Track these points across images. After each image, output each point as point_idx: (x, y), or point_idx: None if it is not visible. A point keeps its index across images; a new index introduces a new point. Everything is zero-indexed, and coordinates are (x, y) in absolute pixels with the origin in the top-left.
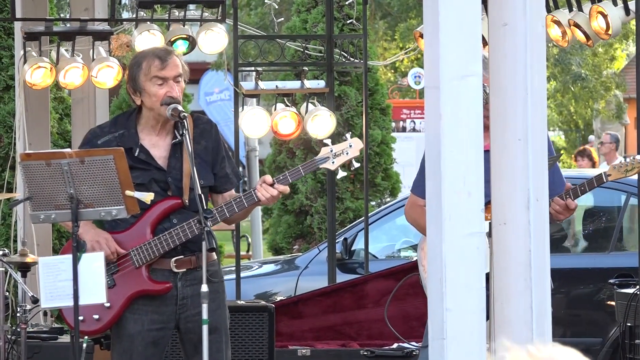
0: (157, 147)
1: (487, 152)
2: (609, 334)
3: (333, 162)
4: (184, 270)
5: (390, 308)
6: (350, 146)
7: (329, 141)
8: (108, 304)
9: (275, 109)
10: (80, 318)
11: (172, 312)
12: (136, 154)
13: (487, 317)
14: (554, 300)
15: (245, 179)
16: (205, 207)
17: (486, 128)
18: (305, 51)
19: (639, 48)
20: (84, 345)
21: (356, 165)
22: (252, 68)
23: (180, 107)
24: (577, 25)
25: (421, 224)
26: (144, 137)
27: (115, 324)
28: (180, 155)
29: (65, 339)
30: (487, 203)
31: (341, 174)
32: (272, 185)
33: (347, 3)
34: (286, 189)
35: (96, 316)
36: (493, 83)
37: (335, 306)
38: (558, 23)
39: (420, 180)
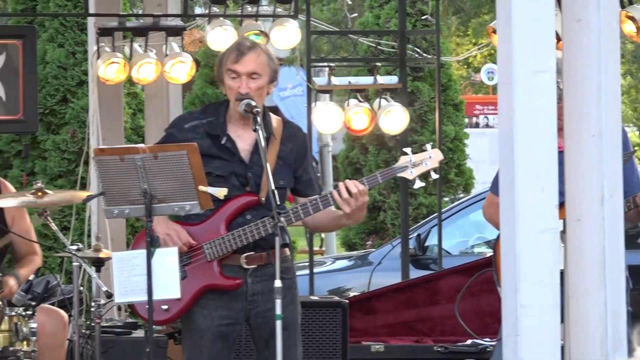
0: (242, 139)
1: (560, 153)
2: None
3: (411, 172)
4: (255, 266)
5: (465, 304)
6: (430, 157)
7: (408, 150)
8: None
9: (348, 105)
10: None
11: (242, 308)
12: (223, 141)
13: (562, 316)
14: (630, 298)
15: (319, 174)
16: (280, 204)
17: (559, 129)
18: (378, 47)
19: None
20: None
21: (434, 176)
22: (325, 64)
23: (253, 103)
24: None
25: (498, 222)
26: (230, 128)
27: (185, 318)
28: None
29: (139, 333)
30: (561, 204)
31: (418, 184)
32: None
33: None
34: (364, 189)
35: (165, 307)
36: (567, 79)
37: (409, 302)
38: (632, 19)
39: (498, 179)
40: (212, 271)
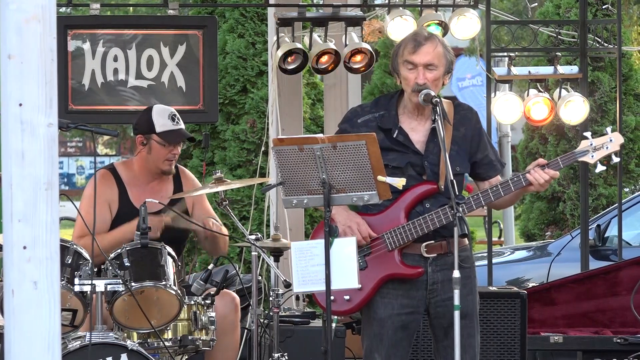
0: (416, 131)
1: None
2: None
3: (592, 156)
4: (435, 255)
5: None
6: (611, 140)
7: (588, 134)
8: (359, 286)
9: (527, 95)
10: (331, 298)
11: (422, 296)
12: (395, 135)
13: None
14: None
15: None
16: (458, 194)
17: None
18: (558, 37)
19: None
20: (333, 325)
21: (615, 160)
22: (505, 53)
23: (432, 93)
24: None
25: None
26: (403, 120)
27: (365, 307)
28: (438, 140)
29: (317, 323)
30: None
31: (600, 168)
32: (543, 168)
33: None
34: (556, 174)
35: (347, 297)
36: None
37: (588, 293)
38: None
39: None
40: (393, 260)
